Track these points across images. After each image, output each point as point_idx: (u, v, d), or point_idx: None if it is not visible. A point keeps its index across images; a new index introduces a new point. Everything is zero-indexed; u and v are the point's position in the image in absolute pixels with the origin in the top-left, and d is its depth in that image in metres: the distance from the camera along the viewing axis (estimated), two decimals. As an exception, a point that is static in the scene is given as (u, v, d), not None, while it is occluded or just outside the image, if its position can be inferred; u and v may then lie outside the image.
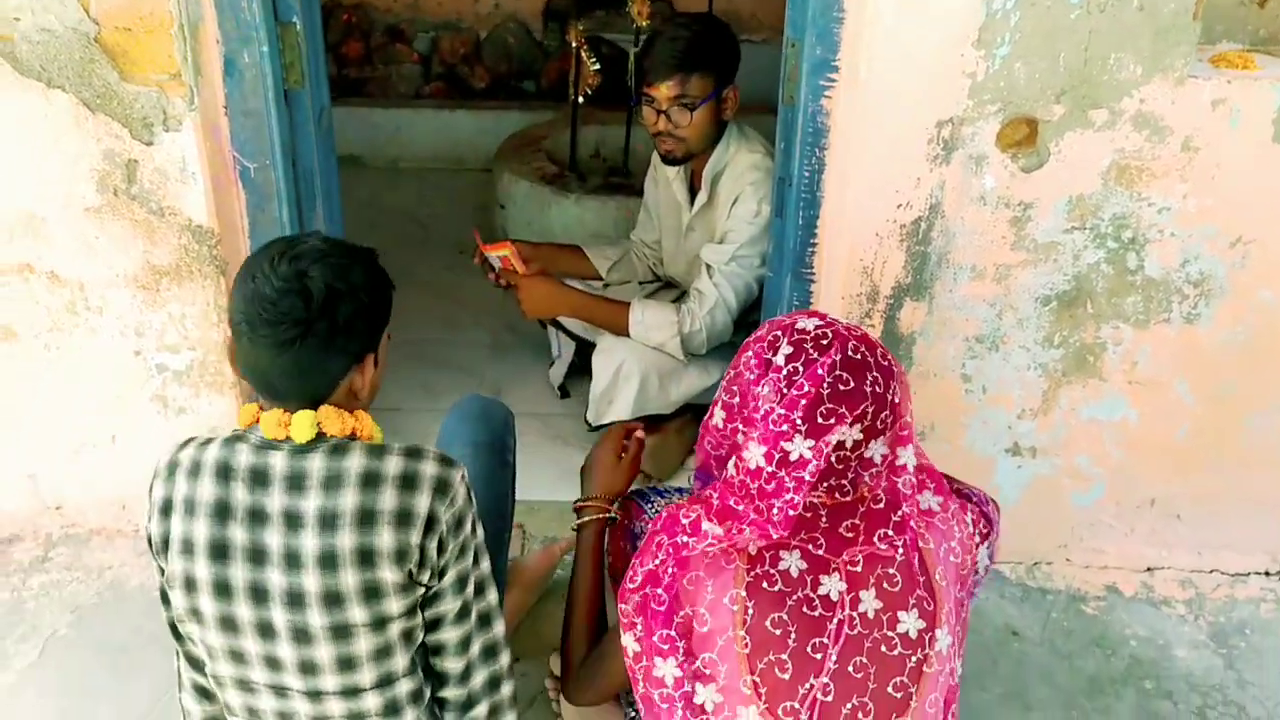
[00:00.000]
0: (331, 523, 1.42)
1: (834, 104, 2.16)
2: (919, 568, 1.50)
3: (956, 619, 1.57)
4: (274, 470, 1.45)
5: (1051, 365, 2.33)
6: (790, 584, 1.47)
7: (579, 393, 3.11)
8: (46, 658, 2.26)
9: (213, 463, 1.46)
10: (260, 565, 1.44)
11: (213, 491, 1.45)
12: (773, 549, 1.47)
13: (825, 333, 1.50)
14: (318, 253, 1.44)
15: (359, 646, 1.48)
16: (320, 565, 1.43)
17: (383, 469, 1.45)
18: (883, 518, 1.51)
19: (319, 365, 1.45)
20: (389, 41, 5.22)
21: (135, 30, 2.07)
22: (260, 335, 1.40)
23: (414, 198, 4.59)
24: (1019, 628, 2.40)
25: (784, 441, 1.42)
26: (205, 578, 1.46)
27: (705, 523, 1.48)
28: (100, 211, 2.22)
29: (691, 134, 2.61)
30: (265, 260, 1.43)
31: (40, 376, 2.39)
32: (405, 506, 1.44)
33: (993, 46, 2.02)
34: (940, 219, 2.19)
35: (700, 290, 2.67)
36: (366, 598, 1.45)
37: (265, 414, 1.48)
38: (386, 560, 1.44)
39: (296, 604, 1.44)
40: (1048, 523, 2.53)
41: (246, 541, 1.44)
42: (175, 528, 1.48)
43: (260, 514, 1.44)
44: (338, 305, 1.42)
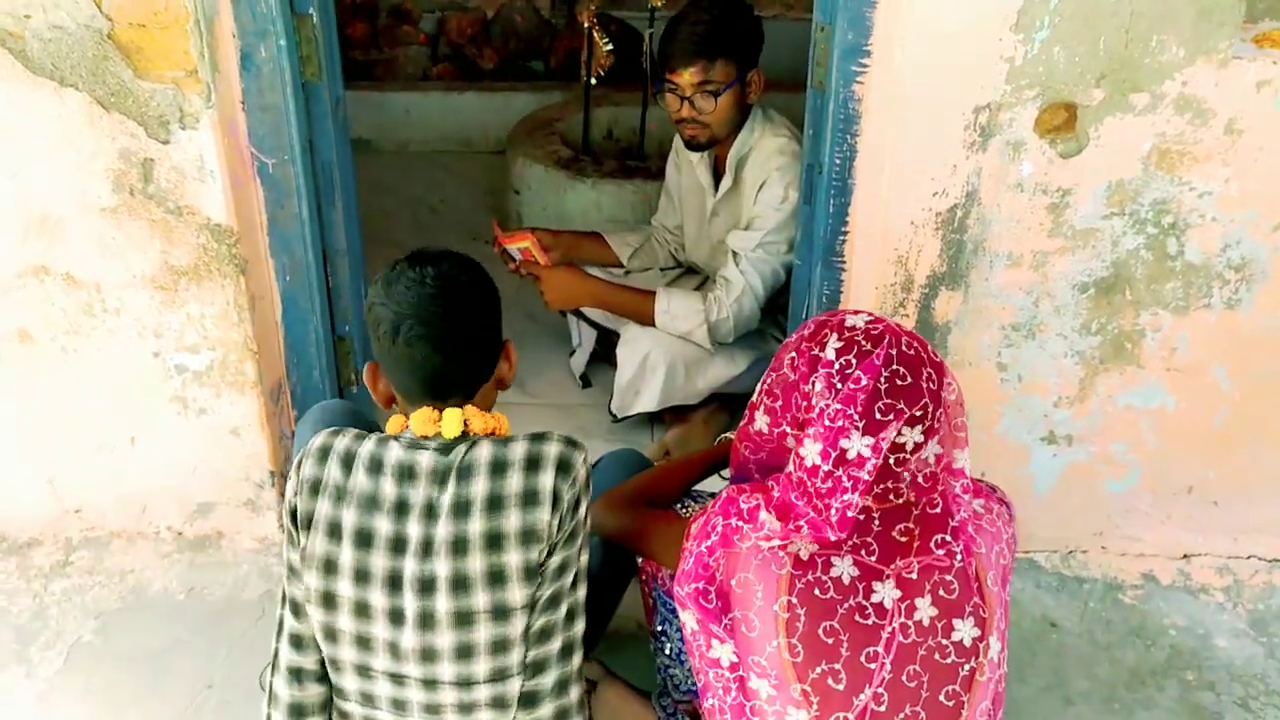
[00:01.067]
0: (465, 510, 1.51)
1: (866, 89, 2.11)
2: (974, 574, 1.47)
3: (1005, 623, 1.54)
4: (420, 466, 1.54)
5: (1089, 353, 2.29)
6: (842, 591, 1.44)
7: (601, 382, 3.07)
8: (72, 665, 2.24)
9: (367, 456, 1.56)
10: (399, 554, 1.52)
11: (364, 483, 1.54)
12: (824, 555, 1.44)
13: (875, 327, 1.46)
14: (448, 255, 1.58)
15: (479, 635, 1.54)
16: (451, 551, 1.51)
17: (509, 455, 1.54)
18: (939, 523, 1.47)
19: (482, 353, 1.59)
20: (395, 23, 5.14)
21: (150, 26, 2.02)
22: (430, 334, 1.52)
23: (424, 182, 4.52)
24: (1056, 618, 2.37)
25: (842, 439, 1.38)
26: (348, 563, 1.54)
27: (763, 513, 1.45)
28: (117, 211, 2.17)
29: (716, 120, 2.55)
30: (406, 271, 1.55)
31: (58, 379, 2.35)
32: (530, 486, 1.53)
33: (1031, 30, 1.96)
34: (977, 206, 2.13)
35: (727, 277, 2.62)
36: (491, 583, 1.52)
37: (415, 413, 1.57)
38: (513, 543, 1.51)
39: (427, 590, 1.52)
40: (1083, 510, 2.49)
41: (390, 532, 1.53)
42: (323, 509, 1.55)
43: (404, 506, 1.53)
44: (483, 296, 1.57)
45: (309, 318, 2.39)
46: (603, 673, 2.13)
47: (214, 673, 2.22)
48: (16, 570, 2.47)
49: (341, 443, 1.59)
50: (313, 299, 2.37)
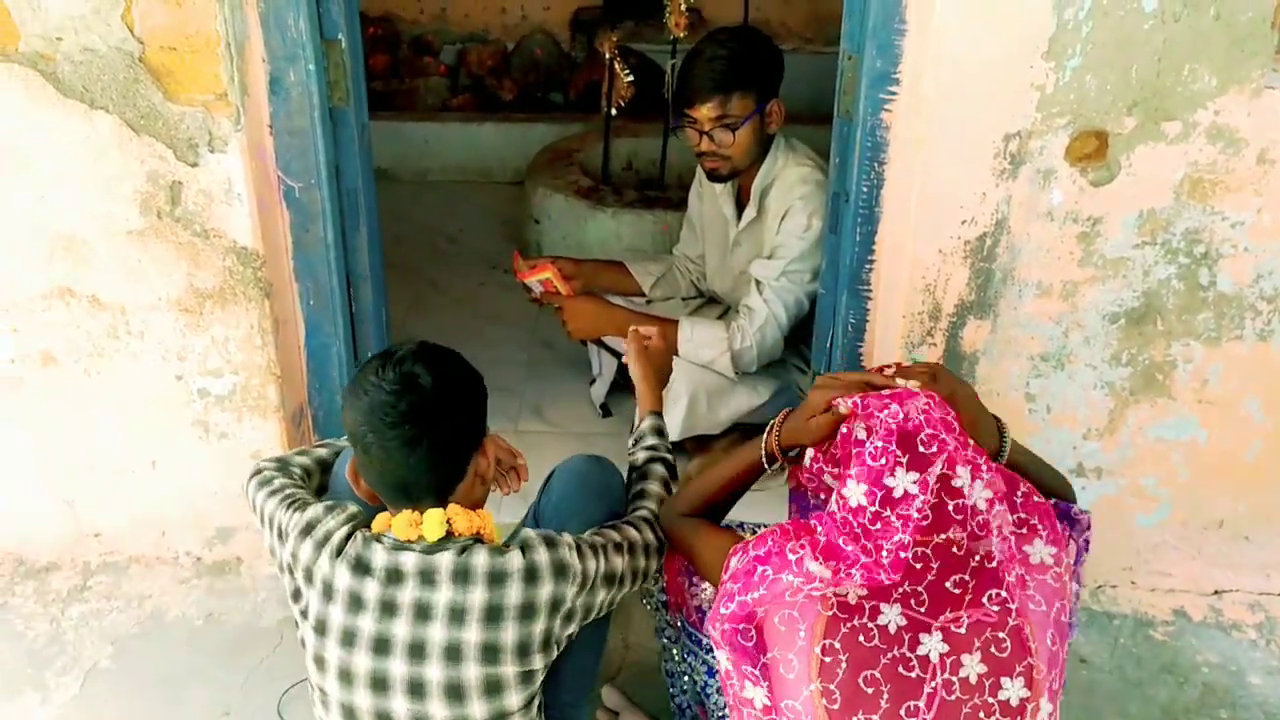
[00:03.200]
0: (460, 617, 1.51)
1: (894, 118, 2.10)
2: (1027, 634, 1.43)
3: (1060, 681, 1.50)
4: (407, 567, 1.53)
5: (1119, 384, 2.26)
6: (888, 640, 1.40)
7: (621, 411, 3.05)
8: (88, 691, 2.21)
9: (353, 556, 1.55)
10: (384, 655, 1.52)
11: (348, 582, 1.54)
12: (873, 602, 1.40)
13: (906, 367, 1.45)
14: (414, 353, 1.55)
15: None
16: (445, 657, 1.51)
17: (507, 566, 1.53)
18: (994, 578, 1.43)
19: (447, 454, 1.56)
20: (415, 54, 5.18)
21: (180, 50, 2.03)
22: (388, 440, 1.50)
23: (443, 211, 4.53)
24: (1086, 654, 2.33)
25: (886, 477, 1.36)
26: (333, 660, 1.55)
27: (810, 562, 1.42)
28: (143, 234, 2.17)
29: (736, 152, 2.55)
30: (369, 374, 1.54)
31: (80, 401, 2.34)
32: (529, 599, 1.54)
33: (1063, 58, 1.96)
34: (1006, 235, 2.12)
35: (750, 306, 2.61)
36: (488, 692, 1.53)
37: (396, 517, 1.56)
38: (510, 655, 1.53)
39: (418, 694, 1.52)
40: (1112, 544, 2.45)
41: (374, 632, 1.52)
42: (313, 600, 1.57)
43: (391, 606, 1.52)
44: (450, 395, 1.54)
45: (332, 342, 2.37)
46: (624, 702, 2.10)
47: (231, 700, 2.19)
48: (34, 594, 2.45)
49: (330, 528, 1.59)
50: (336, 324, 2.36)
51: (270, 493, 1.74)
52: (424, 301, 3.72)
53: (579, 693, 1.87)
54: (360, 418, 1.52)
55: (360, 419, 1.53)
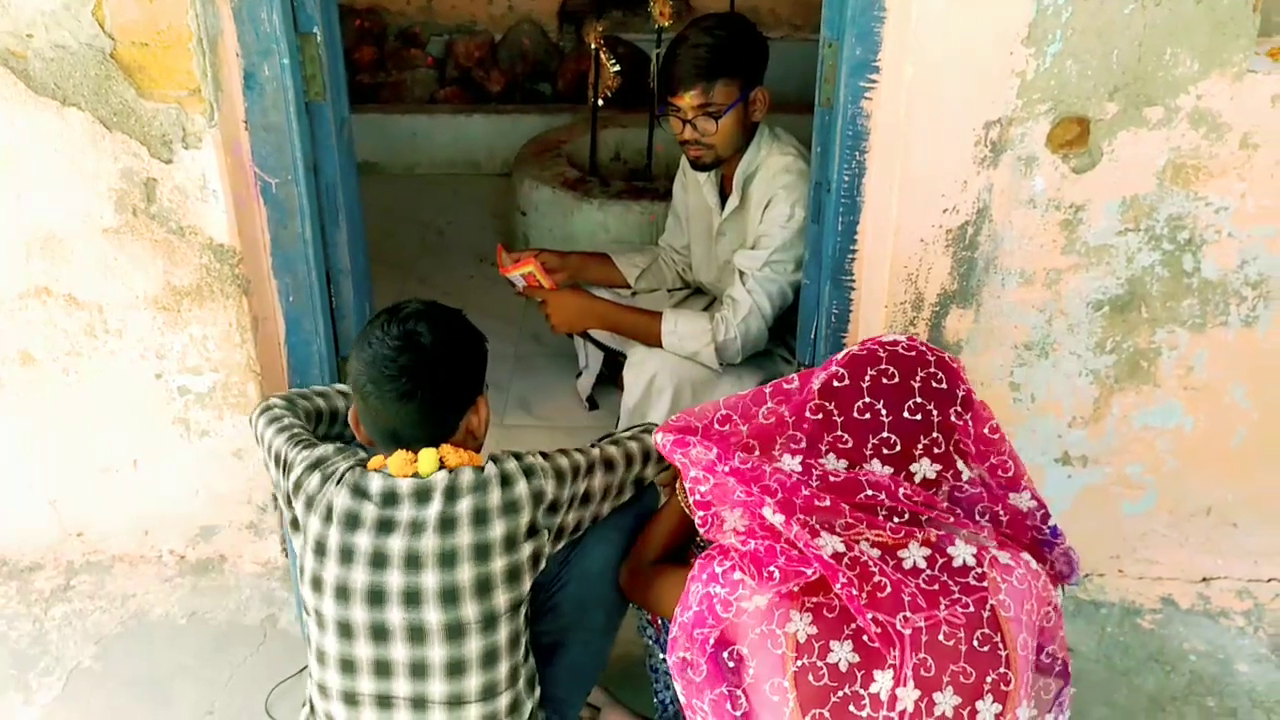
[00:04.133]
0: (451, 525, 1.57)
1: (875, 106, 2.08)
2: (1000, 642, 1.41)
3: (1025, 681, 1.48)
4: (402, 489, 1.59)
5: (1104, 372, 2.25)
6: (838, 679, 1.38)
7: (608, 404, 3.04)
8: (70, 691, 2.21)
9: (352, 482, 1.61)
10: (381, 569, 1.56)
11: (346, 504, 1.60)
12: (823, 640, 1.38)
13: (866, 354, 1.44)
14: (420, 312, 1.65)
15: (469, 648, 1.58)
16: (440, 563, 1.56)
17: (486, 474, 1.61)
18: (962, 574, 1.41)
19: (440, 410, 1.63)
20: (402, 46, 5.15)
21: (153, 45, 2.01)
22: (385, 391, 1.59)
23: (431, 205, 4.51)
24: (1073, 643, 2.31)
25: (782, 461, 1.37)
26: (330, 579, 1.59)
27: (737, 571, 1.42)
28: (119, 232, 2.16)
29: (720, 140, 2.53)
30: (376, 328, 1.63)
31: (60, 401, 2.33)
32: (509, 498, 1.61)
33: (1043, 44, 1.94)
34: (988, 223, 2.10)
35: (734, 297, 2.59)
36: (479, 591, 1.57)
37: (391, 457, 1.63)
38: (498, 549, 1.58)
39: (413, 601, 1.56)
40: (1099, 533, 2.44)
41: (371, 547, 1.57)
42: (314, 523, 1.62)
43: (388, 523, 1.58)
44: (448, 354, 1.63)
45: (312, 339, 2.35)
46: (607, 698, 2.09)
47: (215, 699, 2.18)
48: (17, 595, 2.45)
49: (325, 454, 1.68)
50: (316, 320, 2.34)
51: (279, 429, 1.80)
52: (410, 296, 3.66)
53: (574, 692, 1.87)
54: (361, 368, 1.62)
55: (361, 369, 1.62)
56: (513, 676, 1.64)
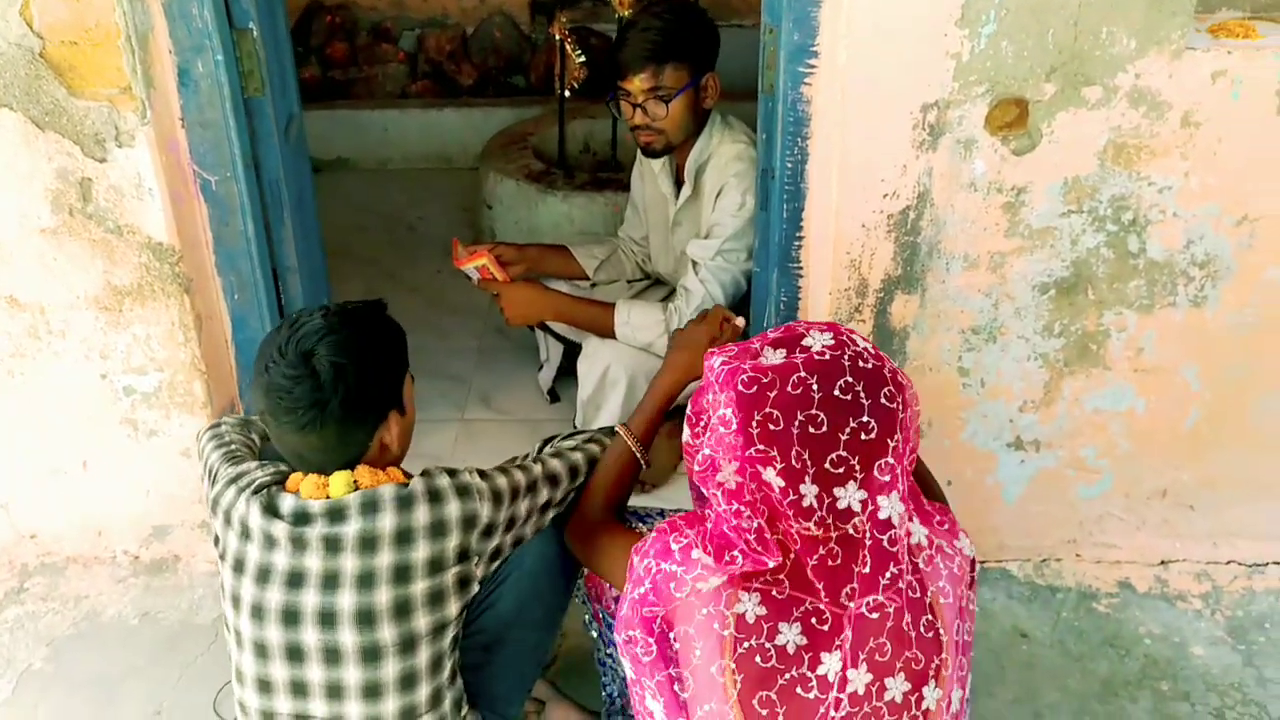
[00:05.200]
0: (371, 545, 1.51)
1: (814, 91, 2.06)
2: (940, 628, 1.40)
3: (957, 665, 1.47)
4: (314, 509, 1.53)
5: (1052, 355, 2.23)
6: (785, 661, 1.36)
7: (569, 397, 3.02)
8: (20, 695, 2.20)
9: (264, 499, 1.55)
10: (297, 588, 1.52)
11: (259, 522, 1.53)
12: (771, 621, 1.37)
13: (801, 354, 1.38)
14: (319, 331, 1.52)
15: (386, 671, 1.53)
16: (358, 584, 1.50)
17: (413, 491, 1.54)
18: (890, 557, 1.39)
19: (344, 437, 1.55)
20: (374, 41, 5.13)
21: (82, 44, 1.99)
22: (284, 421, 1.51)
23: (403, 199, 4.50)
24: (1027, 629, 2.31)
25: (759, 464, 1.32)
26: (247, 598, 1.54)
27: (695, 550, 1.39)
28: (57, 232, 2.15)
29: (670, 126, 2.51)
30: (273, 348, 1.52)
31: (6, 403, 2.32)
32: (438, 518, 1.54)
33: (977, 25, 1.92)
34: (929, 207, 2.09)
35: (687, 287, 2.57)
36: (397, 614, 1.52)
37: (304, 480, 1.56)
38: (420, 571, 1.52)
39: (328, 623, 1.51)
40: (1054, 518, 2.43)
41: (287, 567, 1.52)
42: (231, 540, 1.58)
43: (301, 541, 1.52)
44: (347, 379, 1.51)
45: (259, 335, 2.33)
46: (552, 692, 2.08)
47: (163, 698, 2.18)
48: (-30, 598, 2.44)
49: (246, 475, 1.61)
50: (263, 317, 2.34)
51: (217, 445, 1.77)
52: (377, 291, 3.65)
53: (515, 689, 1.85)
54: (259, 395, 1.53)
55: (259, 396, 1.53)
56: (435, 699, 1.58)
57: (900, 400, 1.34)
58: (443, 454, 2.85)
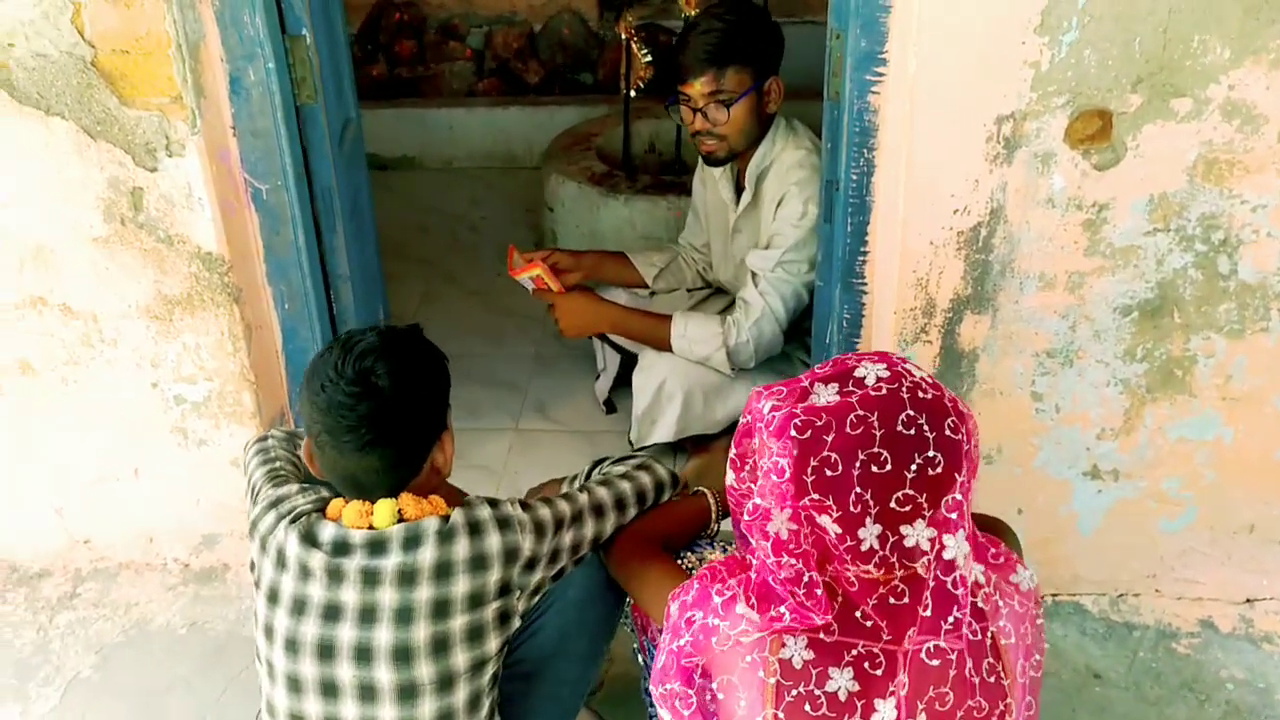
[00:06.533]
0: (410, 578, 1.46)
1: (882, 100, 1.96)
2: (1001, 671, 1.31)
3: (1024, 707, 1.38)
4: (354, 539, 1.48)
5: (1134, 381, 2.11)
6: (836, 709, 1.27)
7: (626, 408, 2.95)
8: (68, 702, 2.20)
9: (304, 528, 1.50)
10: (333, 622, 1.47)
11: (297, 551, 1.49)
12: (821, 666, 1.28)
13: (857, 391, 1.28)
14: (376, 348, 1.48)
15: (423, 710, 1.48)
16: (396, 620, 1.45)
17: (454, 524, 1.49)
18: (953, 600, 1.30)
19: (402, 457, 1.51)
20: (442, 39, 5.10)
21: (133, 52, 1.97)
22: (343, 442, 1.46)
23: (467, 199, 4.46)
24: (1101, 669, 2.18)
25: (815, 511, 1.23)
26: (280, 630, 1.49)
27: (740, 604, 1.31)
28: (109, 241, 2.13)
29: (731, 131, 2.42)
30: (328, 366, 1.47)
31: (61, 410, 2.32)
32: (478, 551, 1.49)
33: (1058, 32, 1.80)
34: (1003, 224, 1.97)
35: (745, 300, 2.49)
36: (435, 651, 1.46)
37: (347, 507, 1.51)
38: (459, 606, 1.47)
39: (364, 659, 1.46)
40: (1133, 551, 2.30)
41: (323, 599, 1.47)
42: (266, 567, 1.53)
43: (338, 573, 1.47)
44: (410, 397, 1.48)
45: (310, 347, 2.31)
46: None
47: (207, 712, 2.16)
48: (24, 602, 2.45)
49: (297, 505, 1.55)
50: (313, 327, 2.30)
51: (263, 461, 1.73)
52: (437, 295, 3.65)
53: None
54: (315, 414, 1.47)
55: (315, 415, 1.48)
56: None
57: (964, 431, 1.24)
58: (495, 463, 2.80)
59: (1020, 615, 1.38)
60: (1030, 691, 1.40)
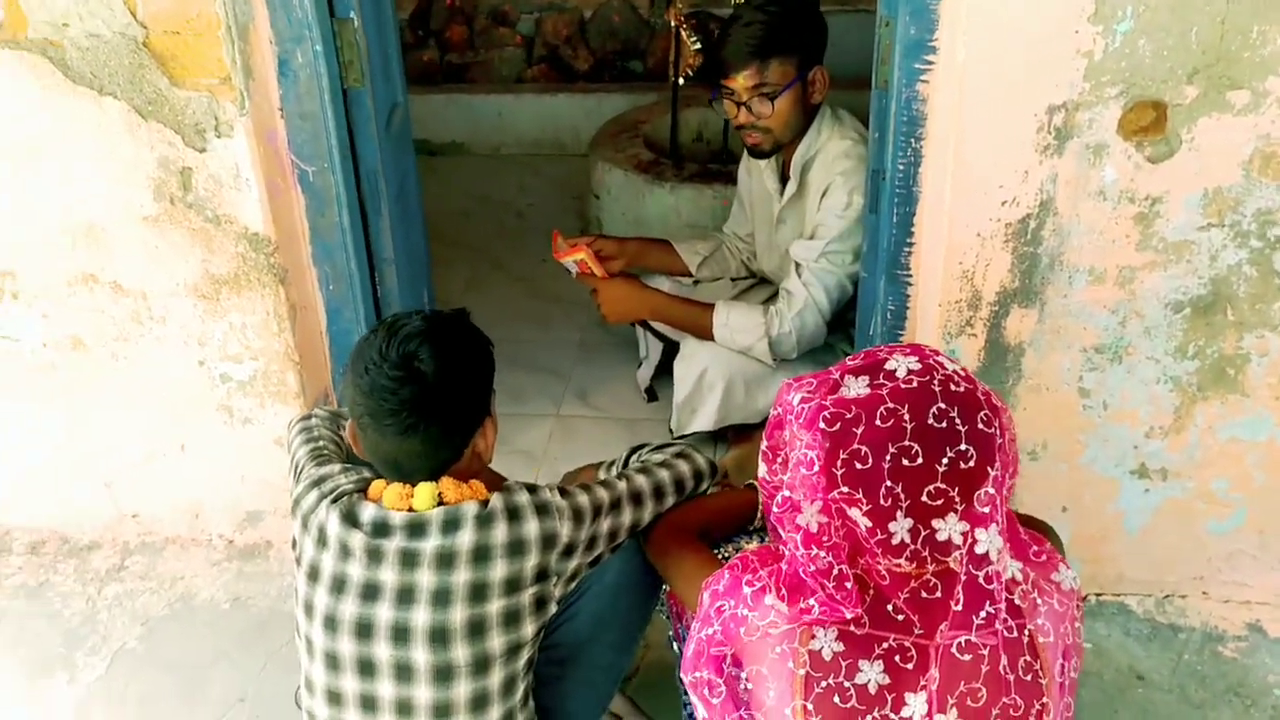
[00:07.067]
0: (449, 561, 1.47)
1: (931, 89, 1.93)
2: (1039, 669, 1.29)
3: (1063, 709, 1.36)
4: (394, 520, 1.49)
5: (1185, 379, 2.06)
6: (866, 701, 1.26)
7: (667, 396, 2.94)
8: (114, 671, 2.24)
9: (345, 507, 1.52)
10: (371, 601, 1.48)
11: (338, 530, 1.50)
12: (850, 658, 1.27)
13: (890, 383, 1.26)
14: (421, 332, 1.49)
15: (458, 692, 1.49)
16: (434, 601, 1.47)
17: (492, 508, 1.50)
18: (986, 595, 1.28)
19: (444, 441, 1.51)
20: (492, 25, 5.12)
21: (183, 33, 1.99)
22: (386, 425, 1.46)
23: (514, 185, 4.48)
24: (1144, 670, 2.15)
25: (845, 504, 1.22)
26: (320, 607, 1.50)
27: (769, 594, 1.30)
28: (158, 220, 2.16)
29: (776, 124, 2.40)
30: (372, 349, 1.48)
31: (110, 385, 2.36)
32: (516, 536, 1.50)
33: (1112, 21, 1.76)
34: (1052, 216, 1.94)
35: (789, 290, 2.47)
36: (471, 634, 1.47)
37: (388, 489, 1.52)
38: (496, 590, 1.48)
39: (401, 639, 1.47)
40: (1180, 552, 2.25)
41: (362, 578, 1.48)
42: (308, 545, 1.54)
43: (377, 553, 1.48)
44: (454, 381, 1.49)
45: (353, 328, 2.33)
46: (630, 709, 2.02)
47: (248, 686, 2.19)
48: (74, 573, 2.50)
49: (329, 482, 1.57)
50: (357, 309, 2.32)
51: (306, 439, 1.75)
52: (482, 280, 3.67)
53: (590, 708, 1.79)
54: (359, 396, 1.48)
55: (358, 398, 1.49)
56: None
57: (997, 425, 1.23)
58: (537, 449, 2.81)
59: (1060, 614, 1.36)
60: (1069, 692, 1.38)
